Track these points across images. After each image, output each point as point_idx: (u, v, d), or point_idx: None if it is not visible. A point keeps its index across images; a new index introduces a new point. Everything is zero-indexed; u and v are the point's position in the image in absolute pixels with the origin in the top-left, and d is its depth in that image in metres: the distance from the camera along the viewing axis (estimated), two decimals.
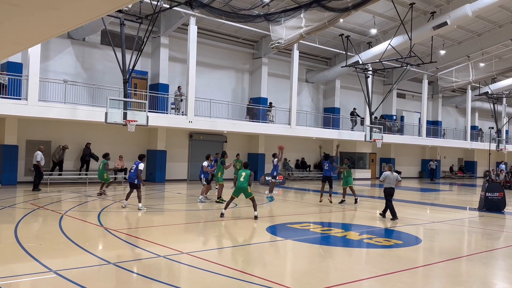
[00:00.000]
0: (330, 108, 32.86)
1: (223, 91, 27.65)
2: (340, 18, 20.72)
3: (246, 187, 12.65)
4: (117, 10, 3.64)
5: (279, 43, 23.37)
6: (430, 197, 23.03)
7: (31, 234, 9.83)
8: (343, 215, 14.71)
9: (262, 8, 22.13)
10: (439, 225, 13.10)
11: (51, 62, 21.73)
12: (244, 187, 12.65)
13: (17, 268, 7.21)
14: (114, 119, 18.69)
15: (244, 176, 12.69)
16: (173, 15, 23.15)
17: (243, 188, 12.66)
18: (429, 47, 28.57)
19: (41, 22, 3.80)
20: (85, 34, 22.17)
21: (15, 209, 13.63)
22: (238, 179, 12.76)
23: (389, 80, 36.40)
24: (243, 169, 12.98)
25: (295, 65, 27.43)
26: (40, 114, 18.55)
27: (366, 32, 29.14)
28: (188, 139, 26.56)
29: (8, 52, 5.08)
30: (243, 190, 12.68)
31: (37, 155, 18.09)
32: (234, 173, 17.33)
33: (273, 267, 7.97)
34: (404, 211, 15.33)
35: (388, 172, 13.73)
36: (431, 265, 8.34)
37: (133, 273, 7.22)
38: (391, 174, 13.67)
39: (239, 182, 12.68)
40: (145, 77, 24.82)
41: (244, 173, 12.77)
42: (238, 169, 18.49)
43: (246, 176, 12.71)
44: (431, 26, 25.53)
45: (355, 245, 10.06)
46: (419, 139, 36.35)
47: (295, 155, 31.75)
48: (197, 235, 10.77)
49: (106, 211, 13.61)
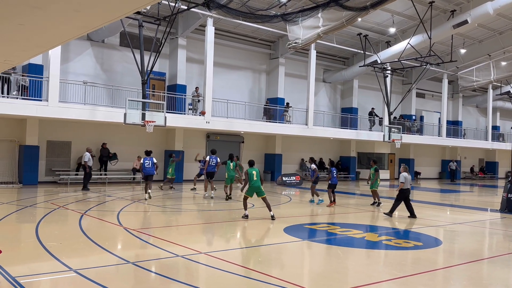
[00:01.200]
0: (348, 108, 32.63)
1: (240, 91, 27.70)
2: (358, 17, 20.54)
3: (259, 185, 12.59)
4: (136, 11, 3.67)
5: (296, 43, 23.28)
6: (451, 198, 22.67)
7: (51, 233, 9.99)
8: (362, 216, 14.57)
9: (279, 8, 22.09)
10: (459, 227, 12.89)
11: (71, 64, 22.07)
12: (258, 186, 12.58)
13: (38, 267, 7.33)
14: (132, 120, 18.87)
15: (256, 174, 12.61)
16: (190, 16, 23.28)
17: (258, 187, 12.58)
18: (449, 46, 28.15)
19: (62, 24, 3.85)
20: (104, 36, 22.45)
21: (36, 208, 13.87)
22: (251, 179, 12.58)
23: (408, 80, 35.98)
24: (252, 168, 12.84)
25: (312, 65, 27.31)
26: (61, 115, 18.85)
27: (384, 31, 28.86)
28: (205, 140, 26.67)
29: (30, 54, 5.17)
30: (257, 189, 12.60)
31: (86, 155, 18.83)
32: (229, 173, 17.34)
33: (290, 268, 7.94)
34: (424, 212, 15.12)
35: (406, 173, 13.83)
36: (452, 267, 8.20)
37: (152, 273, 7.27)
38: (408, 176, 13.83)
39: (253, 182, 12.56)
40: (163, 78, 25.02)
41: (254, 171, 12.66)
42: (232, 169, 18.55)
43: (258, 174, 12.64)
44: (451, 25, 25.14)
45: (373, 246, 9.96)
46: (439, 139, 35.83)
47: (312, 155, 31.57)
48: (214, 235, 10.79)
49: (125, 210, 13.74)
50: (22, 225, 11.32)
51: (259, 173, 12.74)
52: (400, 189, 13.75)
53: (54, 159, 21.73)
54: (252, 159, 13.96)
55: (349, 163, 32.99)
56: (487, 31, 30.40)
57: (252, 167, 12.94)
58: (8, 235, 9.75)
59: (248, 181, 12.69)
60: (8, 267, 6.87)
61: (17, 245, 8.96)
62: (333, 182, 16.68)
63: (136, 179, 23.21)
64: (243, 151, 27.96)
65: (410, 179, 13.86)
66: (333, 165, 17.45)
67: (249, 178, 12.66)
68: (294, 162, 30.91)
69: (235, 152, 26.01)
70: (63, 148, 21.98)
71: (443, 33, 25.98)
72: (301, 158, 31.16)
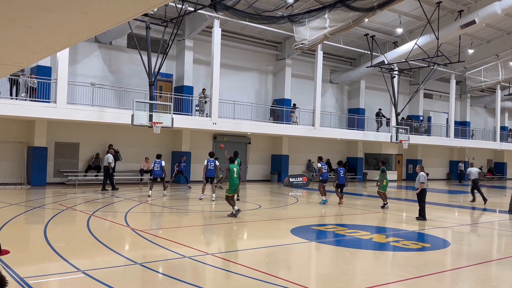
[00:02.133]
0: (355, 109, 32.54)
1: (246, 92, 27.72)
2: (365, 18, 20.50)
3: (238, 183, 12.72)
4: (143, 13, 3.69)
5: (303, 44, 23.27)
6: (459, 199, 22.53)
7: (60, 234, 10.04)
8: (369, 217, 14.52)
9: (285, 9, 22.08)
10: (468, 228, 12.80)
11: (79, 66, 22.20)
12: (238, 184, 12.70)
13: (46, 267, 7.38)
14: (140, 121, 18.95)
15: (237, 171, 12.66)
16: (197, 18, 23.35)
17: (237, 184, 12.68)
18: (457, 46, 27.99)
19: (71, 26, 3.88)
20: (112, 38, 22.57)
21: (44, 209, 13.96)
22: (231, 175, 12.52)
23: (416, 80, 35.82)
24: (233, 164, 12.78)
25: (319, 66, 27.28)
26: (69, 117, 18.97)
27: (391, 32, 28.76)
28: (212, 141, 26.72)
29: (38, 56, 5.21)
30: (236, 186, 12.66)
31: (108, 157, 19.15)
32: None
33: (297, 269, 7.93)
34: (432, 214, 15.03)
35: (424, 173, 13.70)
36: (460, 269, 8.15)
37: (159, 274, 7.30)
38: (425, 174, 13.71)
39: (234, 179, 12.56)
40: (170, 80, 25.10)
41: (235, 168, 12.68)
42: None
43: (238, 171, 12.72)
44: (458, 25, 25.00)
45: (381, 248, 9.92)
46: (447, 140, 35.63)
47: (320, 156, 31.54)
48: (221, 236, 10.80)
49: (133, 211, 13.80)
50: (31, 226, 11.40)
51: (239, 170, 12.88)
52: (421, 189, 13.54)
53: (62, 160, 21.87)
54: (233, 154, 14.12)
55: (356, 164, 32.88)
56: (495, 31, 30.20)
57: (233, 163, 12.85)
58: (17, 236, 9.82)
59: (229, 177, 12.61)
60: (17, 267, 6.92)
61: (25, 246, 9.02)
62: (339, 182, 16.63)
63: (143, 180, 23.29)
64: (250, 152, 27.96)
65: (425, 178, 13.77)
66: (340, 165, 17.36)
67: (229, 175, 12.58)
68: (301, 163, 30.87)
69: (242, 153, 26.04)
70: (71, 149, 22.12)
71: (450, 34, 25.85)
72: (308, 159, 31.11)
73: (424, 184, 13.57)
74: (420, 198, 13.69)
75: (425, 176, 13.60)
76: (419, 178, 13.67)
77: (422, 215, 13.63)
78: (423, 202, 13.65)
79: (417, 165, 14.70)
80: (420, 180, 13.65)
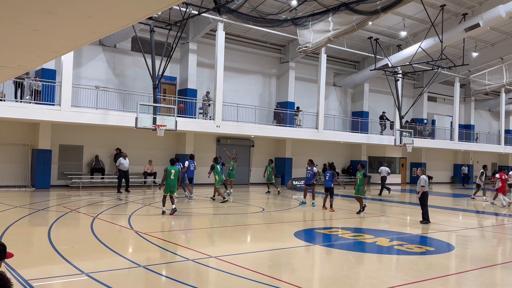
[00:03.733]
0: (359, 112, 32.49)
1: (250, 95, 27.74)
2: (369, 21, 20.49)
3: (175, 185, 13.15)
4: (148, 17, 3.70)
5: (307, 47, 23.28)
6: (463, 202, 22.43)
7: (63, 237, 10.07)
8: (373, 221, 14.48)
9: (289, 12, 22.11)
10: (472, 232, 12.74)
11: (83, 69, 22.29)
12: (174, 185, 13.13)
13: (50, 270, 7.40)
14: (144, 124, 18.99)
15: (174, 173, 13.06)
16: (201, 21, 23.41)
17: (173, 185, 13.11)
18: (461, 49, 27.93)
19: (76, 30, 3.90)
20: (116, 41, 22.66)
21: (48, 212, 13.99)
22: (168, 176, 13.03)
23: (420, 83, 35.75)
24: (172, 166, 13.28)
25: (323, 69, 27.28)
26: (73, 119, 19.04)
27: (395, 35, 28.73)
28: (216, 144, 26.74)
29: (43, 59, 5.23)
30: (172, 187, 13.13)
31: (120, 160, 19.60)
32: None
33: (301, 272, 7.91)
34: (436, 217, 14.98)
35: (425, 176, 13.66)
36: (464, 273, 8.11)
37: (162, 276, 7.30)
38: (426, 178, 13.69)
39: (170, 180, 13.05)
40: (174, 83, 25.16)
41: (173, 170, 13.09)
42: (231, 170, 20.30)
43: (176, 173, 13.11)
44: (462, 28, 24.96)
45: (385, 251, 9.88)
46: (451, 143, 35.51)
47: (323, 159, 31.49)
48: (225, 239, 10.80)
49: (136, 214, 13.81)
50: (35, 228, 11.44)
51: (178, 173, 13.25)
52: (422, 192, 13.50)
53: (66, 163, 21.93)
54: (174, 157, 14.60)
55: None
56: (499, 34, 30.12)
57: (173, 165, 13.38)
58: (21, 238, 9.85)
59: (166, 178, 13.15)
60: (21, 270, 6.93)
61: (29, 249, 9.04)
62: (325, 186, 16.38)
63: (147, 183, 23.32)
64: (253, 155, 27.96)
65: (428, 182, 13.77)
66: (330, 168, 16.95)
67: (166, 176, 13.12)
68: (305, 166, 30.73)
69: (245, 156, 26.12)
70: (75, 152, 22.18)
71: (454, 37, 25.80)
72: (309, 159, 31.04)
73: (425, 188, 13.48)
74: (421, 202, 13.63)
75: (425, 179, 13.51)
76: (420, 182, 13.61)
77: (426, 219, 13.58)
78: (425, 206, 13.59)
79: (418, 168, 14.60)
80: (420, 184, 13.58)
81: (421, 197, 13.59)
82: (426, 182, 13.52)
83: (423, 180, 13.51)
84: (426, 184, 13.49)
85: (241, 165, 27.59)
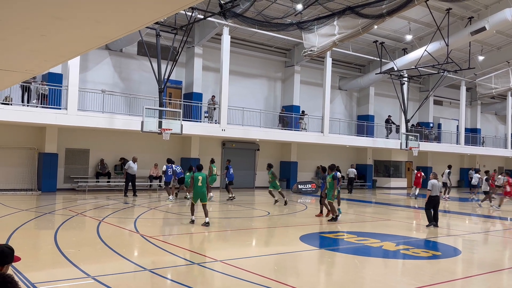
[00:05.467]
0: (364, 115, 32.43)
1: (255, 99, 27.77)
2: (374, 25, 20.47)
3: (204, 191, 12.42)
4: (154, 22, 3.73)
5: (312, 51, 23.28)
6: (469, 206, 22.30)
7: (70, 240, 10.10)
8: (379, 225, 14.42)
9: (295, 16, 22.14)
10: (479, 236, 12.66)
11: (89, 73, 22.41)
12: (203, 192, 12.40)
13: (56, 273, 7.43)
14: (149, 128, 19.06)
15: (202, 180, 12.36)
16: (207, 25, 23.49)
17: (202, 193, 12.39)
18: (467, 53, 27.83)
19: (84, 35, 3.94)
20: (122, 45, 22.77)
21: (55, 215, 14.05)
22: (195, 184, 12.32)
23: (426, 87, 35.64)
24: (199, 173, 12.57)
25: (328, 73, 27.27)
26: (79, 123, 19.14)
27: (401, 39, 28.69)
28: (221, 147, 26.76)
29: (51, 63, 5.28)
30: (201, 195, 12.41)
31: (130, 164, 19.76)
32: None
33: (306, 277, 7.89)
34: (443, 222, 14.90)
35: (435, 181, 13.58)
36: (471, 278, 8.06)
37: (168, 280, 7.30)
38: (437, 183, 13.61)
39: (198, 187, 12.34)
40: (179, 87, 25.24)
41: (200, 176, 12.39)
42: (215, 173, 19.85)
43: (204, 180, 12.39)
44: (468, 32, 24.88)
45: (391, 256, 9.84)
46: (457, 147, 35.34)
47: (328, 163, 31.26)
48: (230, 243, 10.80)
49: (142, 218, 13.84)
50: (41, 231, 11.49)
51: (205, 179, 12.48)
52: (429, 196, 13.43)
53: (73, 166, 22.02)
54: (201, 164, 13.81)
55: (366, 171, 32.71)
56: (505, 37, 29.99)
57: (201, 172, 12.73)
58: (28, 241, 9.90)
59: (193, 186, 12.45)
60: (28, 273, 6.97)
61: (36, 252, 9.08)
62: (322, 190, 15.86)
63: (152, 187, 23.36)
64: (259, 159, 27.96)
65: (439, 186, 13.66)
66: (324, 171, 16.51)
67: (194, 183, 12.42)
68: (310, 170, 30.79)
69: (250, 160, 26.18)
70: (82, 155, 22.28)
71: (460, 40, 25.73)
72: (317, 166, 31.02)
73: (433, 192, 13.39)
74: (427, 205, 13.57)
75: (433, 183, 13.41)
76: (428, 186, 13.60)
77: (430, 221, 13.48)
78: (428, 209, 13.52)
79: (431, 173, 14.50)
80: (428, 188, 13.57)
81: (427, 201, 13.50)
82: (433, 186, 13.42)
83: (429, 184, 13.47)
84: (433, 188, 13.40)
85: (246, 169, 27.63)
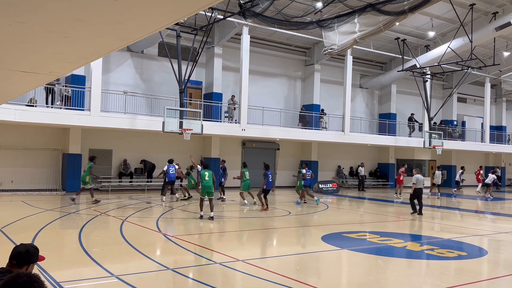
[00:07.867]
0: (386, 114, 32.04)
1: (275, 98, 27.71)
2: (396, 21, 20.18)
3: (211, 185, 13.46)
4: (175, 23, 3.74)
5: (332, 49, 23.09)
6: (495, 206, 21.81)
7: (94, 240, 10.25)
8: (402, 225, 14.23)
9: (314, 14, 22.02)
10: (505, 236, 12.36)
11: (111, 74, 22.72)
12: (210, 186, 13.42)
13: (81, 272, 7.54)
14: (170, 128, 19.21)
15: (208, 175, 13.48)
16: (226, 25, 23.55)
17: (209, 186, 13.41)
18: (491, 49, 27.22)
19: (106, 37, 3.98)
20: (143, 47, 23.02)
21: (79, 215, 14.29)
22: (203, 179, 13.49)
23: (449, 84, 35.00)
24: (205, 170, 13.80)
25: (349, 71, 27.03)
26: (102, 124, 19.42)
27: (423, 35, 28.24)
28: (241, 147, 26.80)
29: (74, 65, 5.35)
30: (208, 188, 13.41)
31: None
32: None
33: (328, 277, 7.83)
34: (468, 221, 14.62)
35: (419, 175, 15.93)
36: (498, 279, 7.87)
37: (190, 279, 7.34)
38: (421, 177, 15.94)
39: (205, 181, 13.42)
40: (199, 87, 25.37)
41: (207, 172, 13.55)
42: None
43: (210, 175, 13.52)
44: (493, 27, 24.32)
45: (415, 256, 9.69)
46: (482, 145, 34.61)
47: (349, 162, 31.19)
48: (252, 243, 10.79)
49: (164, 217, 13.96)
50: (66, 231, 11.69)
51: (212, 175, 13.64)
52: (414, 189, 15.66)
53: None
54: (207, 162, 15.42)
55: (388, 170, 32.31)
56: None
57: (207, 169, 13.93)
58: (53, 241, 10.09)
59: (201, 181, 13.70)
60: (53, 272, 7.09)
61: (61, 251, 9.25)
62: (266, 188, 16.24)
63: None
64: (279, 158, 27.91)
65: (422, 180, 15.90)
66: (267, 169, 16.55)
67: (201, 178, 13.64)
68: (331, 169, 30.57)
69: (271, 159, 26.14)
70: (105, 156, 22.60)
71: (484, 36, 25.17)
72: (337, 165, 30.80)
73: (417, 185, 15.56)
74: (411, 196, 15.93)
75: (417, 178, 15.63)
76: (412, 180, 15.89)
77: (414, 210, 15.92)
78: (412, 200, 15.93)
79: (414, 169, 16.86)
80: (412, 182, 15.88)
81: (412, 192, 15.77)
82: (417, 180, 15.63)
83: (414, 178, 15.79)
84: (417, 182, 15.63)
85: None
